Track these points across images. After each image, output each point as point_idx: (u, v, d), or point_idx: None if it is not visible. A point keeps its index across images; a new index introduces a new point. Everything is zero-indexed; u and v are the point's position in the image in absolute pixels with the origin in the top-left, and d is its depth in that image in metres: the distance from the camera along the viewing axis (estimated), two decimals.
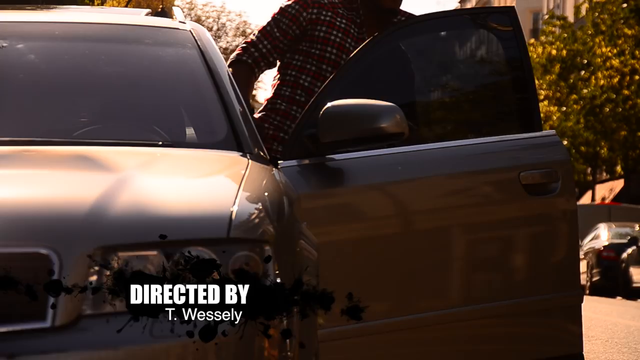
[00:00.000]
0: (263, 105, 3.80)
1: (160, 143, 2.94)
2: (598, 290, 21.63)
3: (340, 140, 3.19)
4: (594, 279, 21.93)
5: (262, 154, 3.03)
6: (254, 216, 2.37)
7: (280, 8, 3.77)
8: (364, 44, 3.55)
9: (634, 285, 20.10)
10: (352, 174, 3.39)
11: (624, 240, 21.17)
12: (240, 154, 2.90)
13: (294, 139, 3.41)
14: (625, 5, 22.76)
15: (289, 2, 3.75)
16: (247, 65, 3.75)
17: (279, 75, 3.80)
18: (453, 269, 3.45)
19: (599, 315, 13.21)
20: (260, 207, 2.42)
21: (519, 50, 3.59)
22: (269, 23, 3.77)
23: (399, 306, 3.38)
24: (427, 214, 3.44)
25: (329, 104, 3.19)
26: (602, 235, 22.55)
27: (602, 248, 21.93)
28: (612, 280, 21.26)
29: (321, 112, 3.18)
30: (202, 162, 2.81)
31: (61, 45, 3.29)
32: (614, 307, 16.14)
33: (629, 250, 20.50)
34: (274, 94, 3.78)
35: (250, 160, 2.82)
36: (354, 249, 3.37)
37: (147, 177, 2.49)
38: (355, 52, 3.55)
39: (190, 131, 3.13)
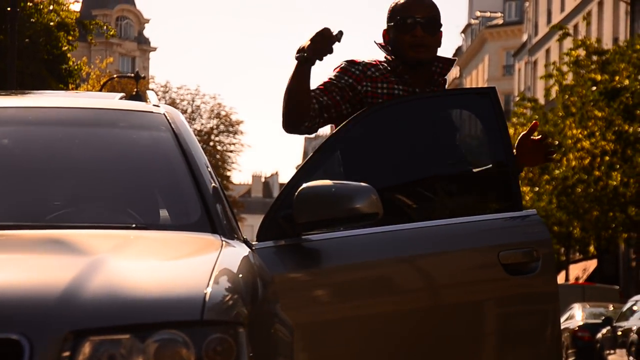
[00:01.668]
0: None
1: (134, 226, 2.94)
2: None
3: (316, 220, 3.20)
4: (569, 359, 21.85)
5: (236, 235, 3.03)
6: (227, 298, 2.36)
7: (331, 78, 3.70)
8: (343, 123, 3.57)
9: None
10: (328, 255, 3.39)
11: (599, 321, 21.15)
12: (214, 235, 2.90)
13: (269, 219, 3.41)
14: (594, 88, 23.10)
15: (340, 75, 3.68)
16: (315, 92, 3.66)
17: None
18: (427, 351, 3.43)
19: None
20: (234, 289, 2.42)
21: (499, 130, 3.62)
22: (322, 89, 3.70)
23: None
24: (405, 295, 3.43)
25: (304, 185, 3.21)
26: (577, 315, 22.53)
27: (577, 328, 21.89)
28: None
29: (296, 193, 3.19)
30: (176, 244, 2.81)
31: (35, 130, 3.30)
32: None
33: (604, 331, 20.48)
34: None
35: (223, 242, 2.82)
36: (328, 329, 3.36)
37: (119, 260, 2.48)
38: (335, 131, 3.57)
39: (164, 213, 3.13)
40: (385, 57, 3.77)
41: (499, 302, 3.48)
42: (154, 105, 3.48)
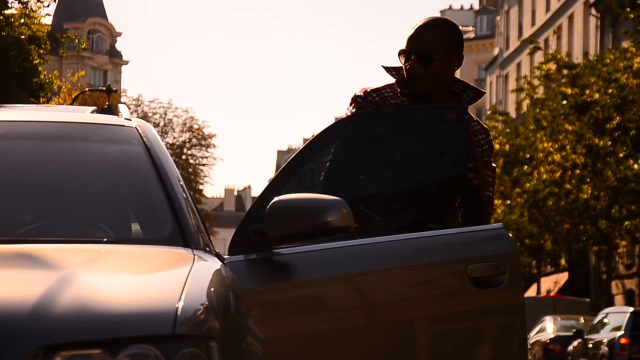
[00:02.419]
0: None
1: (105, 240, 2.93)
2: None
3: (287, 234, 3.20)
4: None
5: (208, 249, 3.02)
6: (199, 312, 2.35)
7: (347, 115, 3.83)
8: (311, 139, 3.59)
9: None
10: (298, 268, 3.40)
11: (570, 333, 21.26)
12: (186, 249, 2.89)
13: (241, 233, 3.41)
14: (565, 102, 23.27)
15: (349, 109, 3.83)
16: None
17: None
18: None
19: None
20: (206, 303, 2.41)
21: (465, 145, 3.65)
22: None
23: None
24: (375, 308, 3.45)
25: (275, 199, 3.21)
26: (548, 327, 22.63)
27: (549, 341, 21.99)
28: None
29: (268, 207, 3.20)
30: (147, 258, 2.80)
31: (6, 144, 3.29)
32: None
33: (575, 343, 20.58)
34: None
35: (195, 256, 2.81)
36: (295, 343, 3.36)
37: (90, 275, 2.47)
38: (303, 146, 3.58)
39: (136, 227, 3.12)
40: (397, 77, 3.83)
41: (467, 314, 3.51)
42: (126, 118, 3.48)
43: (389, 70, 3.85)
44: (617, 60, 22.66)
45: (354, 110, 3.80)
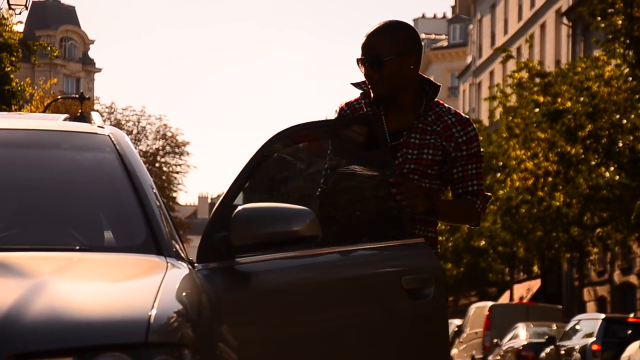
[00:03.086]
0: None
1: (78, 247, 2.92)
2: None
3: (253, 243, 3.20)
4: None
5: (181, 257, 3.02)
6: (172, 320, 2.35)
7: None
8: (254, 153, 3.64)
9: None
10: (258, 278, 3.41)
11: (542, 340, 21.35)
12: (159, 257, 2.89)
13: (206, 241, 3.42)
14: (537, 110, 23.39)
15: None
16: None
17: None
18: None
19: None
20: (179, 311, 2.41)
21: (383, 159, 3.71)
22: None
23: None
24: (321, 317, 3.51)
25: (240, 207, 3.21)
26: (521, 334, 22.71)
27: (521, 347, 22.07)
28: None
29: (233, 215, 3.19)
30: (120, 266, 2.79)
31: None
32: None
33: (547, 350, 20.67)
34: None
35: (168, 264, 2.81)
36: (251, 351, 3.37)
37: (63, 283, 2.46)
38: (256, 151, 3.61)
39: (109, 235, 3.11)
40: (365, 87, 3.90)
41: (400, 325, 3.62)
42: (99, 126, 3.47)
43: (357, 85, 3.92)
44: (589, 68, 22.83)
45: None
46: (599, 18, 18.46)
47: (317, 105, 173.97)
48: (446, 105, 3.90)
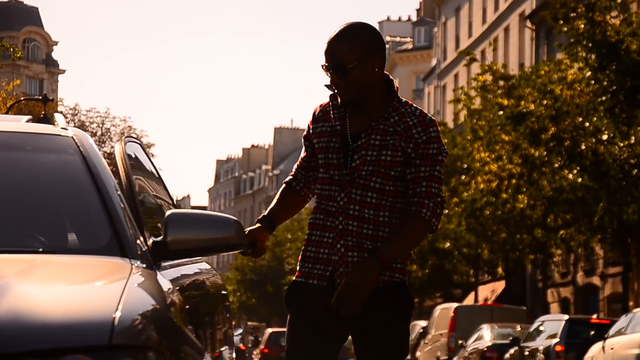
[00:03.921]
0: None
1: (41, 250, 2.90)
2: None
3: (187, 248, 3.18)
4: None
5: (146, 258, 3.01)
6: (136, 322, 2.34)
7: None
8: None
9: None
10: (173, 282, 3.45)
11: (507, 341, 21.47)
12: (124, 259, 2.88)
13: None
14: (501, 112, 23.52)
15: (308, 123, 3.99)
16: (285, 183, 4.02)
17: None
18: None
19: None
20: (144, 313, 2.40)
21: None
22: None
23: None
24: None
25: (171, 212, 3.18)
26: (485, 335, 22.84)
27: (486, 349, 22.19)
28: None
29: (165, 219, 3.15)
30: (83, 268, 2.78)
31: None
32: None
33: (512, 351, 20.79)
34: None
35: (133, 266, 2.80)
36: None
37: (25, 285, 2.44)
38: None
39: (72, 237, 3.09)
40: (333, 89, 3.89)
41: None
42: (62, 128, 3.45)
43: (329, 86, 3.91)
44: (552, 72, 23.00)
45: (307, 125, 3.96)
46: (562, 22, 18.61)
47: (282, 107, 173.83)
48: (414, 106, 3.88)
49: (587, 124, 20.27)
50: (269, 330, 40.89)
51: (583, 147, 20.37)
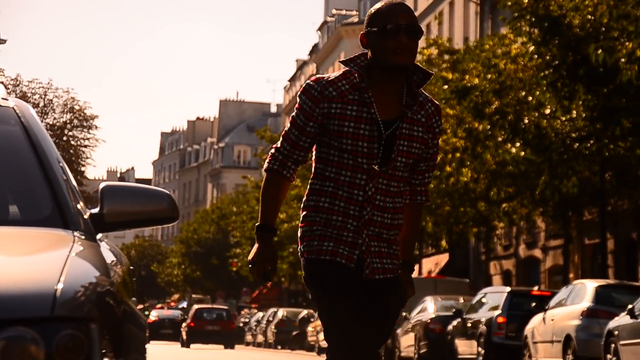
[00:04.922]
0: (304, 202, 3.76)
1: None
2: None
3: (122, 221, 3.17)
4: (422, 351, 22.36)
5: (89, 230, 2.99)
6: (79, 294, 2.34)
7: (296, 108, 3.73)
8: None
9: (459, 356, 20.60)
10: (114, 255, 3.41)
11: (450, 313, 21.71)
12: (66, 231, 2.86)
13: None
14: (446, 86, 23.66)
15: (302, 99, 3.71)
16: (275, 172, 3.75)
17: (313, 169, 3.78)
18: None
19: None
20: (86, 285, 2.39)
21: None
22: (290, 122, 3.75)
23: None
24: None
25: (105, 184, 3.17)
26: (429, 308, 23.06)
27: (429, 321, 22.41)
28: (438, 352, 21.73)
29: (99, 192, 3.14)
30: (25, 240, 2.76)
31: None
32: None
33: (455, 323, 21.03)
34: (308, 188, 3.77)
35: (75, 237, 2.78)
36: None
37: None
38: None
39: (14, 209, 3.06)
40: (356, 69, 3.76)
41: None
42: (3, 98, 3.41)
43: (347, 62, 3.79)
44: (496, 46, 23.16)
45: (309, 102, 3.69)
46: None
47: (228, 79, 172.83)
48: (423, 91, 3.81)
49: (530, 98, 20.47)
50: (195, 306, 42.96)
51: (526, 121, 20.57)
